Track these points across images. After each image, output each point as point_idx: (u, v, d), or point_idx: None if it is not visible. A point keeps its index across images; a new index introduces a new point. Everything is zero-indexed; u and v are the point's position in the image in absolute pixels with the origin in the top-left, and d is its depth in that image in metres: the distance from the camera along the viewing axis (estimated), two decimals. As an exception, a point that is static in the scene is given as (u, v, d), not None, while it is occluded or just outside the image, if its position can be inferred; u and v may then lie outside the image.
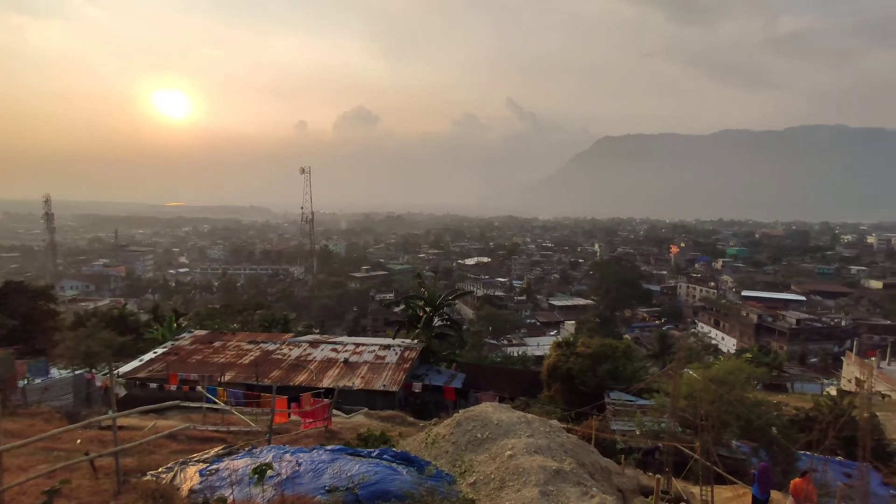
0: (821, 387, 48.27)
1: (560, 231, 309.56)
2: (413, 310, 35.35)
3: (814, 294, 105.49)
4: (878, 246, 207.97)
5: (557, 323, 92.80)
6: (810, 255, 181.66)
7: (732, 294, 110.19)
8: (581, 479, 9.24)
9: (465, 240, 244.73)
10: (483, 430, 11.07)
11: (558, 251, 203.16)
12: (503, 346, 71.92)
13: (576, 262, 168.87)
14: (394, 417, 21.42)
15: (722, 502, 13.54)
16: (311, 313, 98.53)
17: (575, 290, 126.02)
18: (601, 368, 27.50)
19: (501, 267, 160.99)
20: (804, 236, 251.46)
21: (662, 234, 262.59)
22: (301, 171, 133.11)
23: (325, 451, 9.34)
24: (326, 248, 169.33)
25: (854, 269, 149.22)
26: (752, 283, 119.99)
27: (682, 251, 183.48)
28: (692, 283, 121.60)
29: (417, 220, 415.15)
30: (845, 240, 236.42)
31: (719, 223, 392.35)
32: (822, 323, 77.00)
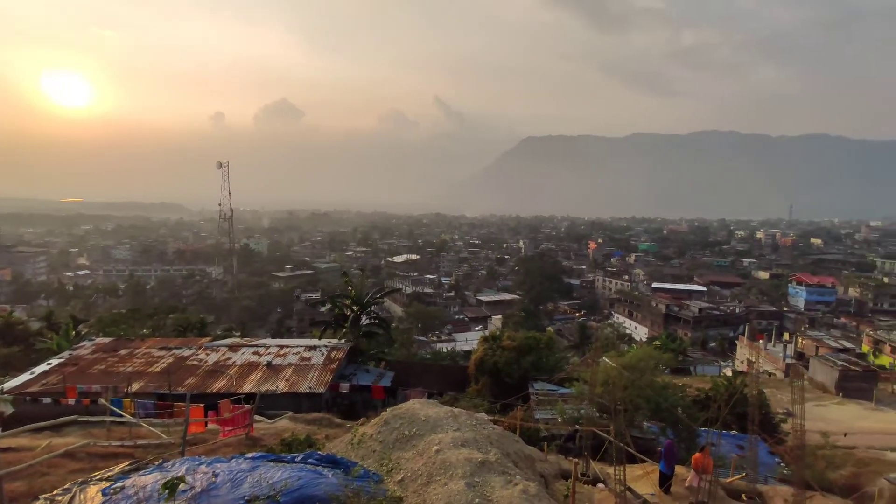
0: (718, 368, 53.10)
1: (487, 228, 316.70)
2: (340, 309, 34.63)
3: (713, 285, 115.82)
4: (766, 240, 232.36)
5: (485, 318, 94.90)
6: (710, 249, 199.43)
7: (644, 286, 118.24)
8: (506, 469, 9.53)
9: (394, 237, 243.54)
10: (411, 427, 11.09)
11: (485, 248, 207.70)
12: (432, 343, 72.44)
13: (502, 259, 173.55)
14: (320, 420, 20.90)
15: (633, 479, 14.52)
16: (232, 315, 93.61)
17: (501, 286, 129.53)
18: (526, 360, 28.48)
19: (430, 264, 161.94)
20: (705, 232, 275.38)
21: (582, 231, 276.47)
22: (218, 165, 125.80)
23: (244, 460, 8.93)
24: (247, 247, 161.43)
25: (746, 261, 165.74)
26: (660, 275, 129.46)
27: (599, 247, 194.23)
28: (608, 277, 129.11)
29: (344, 217, 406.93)
30: (739, 235, 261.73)
31: (632, 220, 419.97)
32: (720, 311, 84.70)
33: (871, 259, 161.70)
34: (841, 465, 24.29)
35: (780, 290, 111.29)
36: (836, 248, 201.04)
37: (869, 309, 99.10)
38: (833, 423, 30.06)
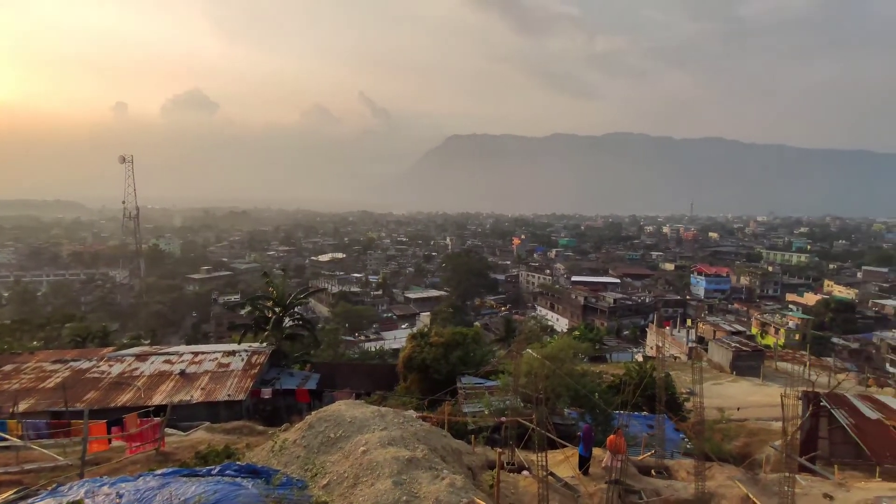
0: (631, 355, 56.84)
1: (414, 225, 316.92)
2: (261, 311, 33.17)
3: (626, 277, 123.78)
4: (671, 235, 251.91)
5: (413, 315, 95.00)
6: (623, 243, 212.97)
7: (564, 280, 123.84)
8: (433, 464, 9.61)
9: (319, 235, 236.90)
10: (336, 430, 10.87)
11: (413, 245, 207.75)
12: (360, 343, 71.43)
13: (429, 256, 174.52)
14: (241, 428, 19.91)
15: (555, 464, 15.21)
16: (140, 322, 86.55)
17: (429, 283, 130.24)
18: (453, 356, 28.87)
19: (357, 262, 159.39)
20: (618, 228, 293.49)
21: (506, 228, 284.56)
22: (121, 159, 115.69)
23: (153, 477, 8.32)
24: (156, 248, 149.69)
25: (654, 254, 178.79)
26: (579, 269, 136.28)
27: (522, 243, 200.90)
28: (531, 272, 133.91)
29: (265, 215, 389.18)
30: (648, 230, 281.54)
31: (553, 217, 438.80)
32: (632, 301, 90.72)
33: (757, 250, 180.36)
34: (735, 436, 26.96)
35: (683, 280, 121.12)
36: (730, 241, 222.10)
37: (757, 295, 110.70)
38: (728, 399, 33.31)
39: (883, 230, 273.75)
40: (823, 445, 21.58)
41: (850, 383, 38.34)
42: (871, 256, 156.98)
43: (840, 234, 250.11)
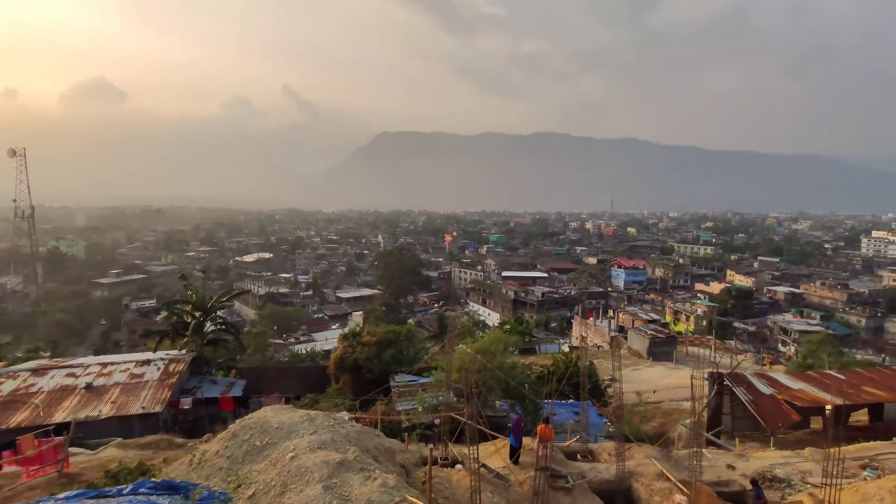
0: (558, 346, 59.24)
1: (345, 223, 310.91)
2: (179, 316, 31.14)
3: (553, 271, 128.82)
4: (593, 230, 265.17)
5: (345, 315, 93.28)
6: (549, 239, 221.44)
7: (495, 275, 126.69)
8: (365, 465, 9.50)
9: (243, 235, 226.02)
10: (262, 437, 10.44)
11: (344, 243, 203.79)
12: (290, 345, 69.07)
13: (361, 254, 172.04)
14: (157, 443, 18.59)
15: (487, 456, 15.57)
16: (38, 334, 78.20)
17: (362, 281, 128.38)
18: (387, 354, 28.68)
19: (285, 262, 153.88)
20: (545, 224, 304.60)
21: (438, 225, 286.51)
22: (11, 153, 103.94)
23: (56, 502, 7.58)
24: (56, 250, 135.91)
25: (579, 249, 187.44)
26: (509, 265, 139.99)
27: (454, 240, 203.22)
28: (464, 268, 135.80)
29: (183, 213, 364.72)
30: (572, 226, 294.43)
31: (483, 214, 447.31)
32: (559, 294, 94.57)
33: (670, 244, 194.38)
34: (651, 417, 28.96)
35: (605, 273, 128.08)
36: (646, 236, 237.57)
37: (670, 285, 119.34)
38: (645, 383, 35.69)
39: (774, 224, 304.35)
40: (727, 421, 23.70)
41: (748, 363, 42.29)
42: (765, 248, 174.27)
43: (739, 228, 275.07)
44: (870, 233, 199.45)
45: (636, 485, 14.90)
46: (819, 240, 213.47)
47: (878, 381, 24.90)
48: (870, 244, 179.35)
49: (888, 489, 13.44)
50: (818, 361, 39.21)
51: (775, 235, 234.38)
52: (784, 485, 15.99)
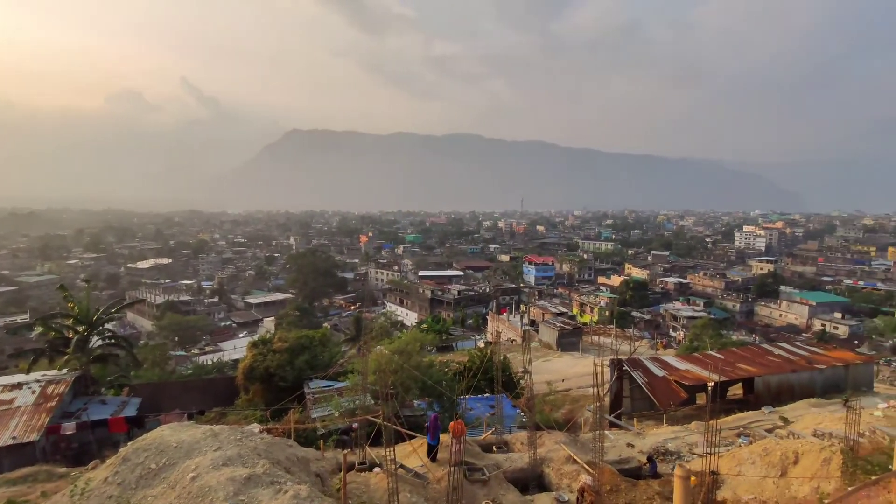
0: (474, 342, 60.66)
1: (253, 225, 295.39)
2: (58, 331, 27.80)
3: (468, 269, 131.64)
4: (505, 229, 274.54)
5: (256, 321, 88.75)
6: (464, 238, 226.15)
7: (412, 275, 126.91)
8: (275, 478, 9.09)
9: (137, 239, 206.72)
10: (159, 458, 9.62)
11: (252, 246, 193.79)
12: (194, 356, 64.36)
13: (272, 257, 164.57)
14: (34, 475, 16.46)
15: (406, 456, 15.57)
16: None
17: (273, 286, 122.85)
18: (300, 360, 27.69)
19: (187, 268, 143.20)
20: (460, 223, 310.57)
21: (353, 226, 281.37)
22: None
23: None
24: None
25: (492, 247, 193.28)
26: (425, 264, 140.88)
27: (370, 240, 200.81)
28: (380, 269, 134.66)
29: (63, 217, 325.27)
30: (486, 225, 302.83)
31: (399, 214, 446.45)
32: (475, 292, 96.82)
33: (575, 241, 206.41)
34: (561, 405, 30.58)
35: (517, 269, 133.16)
36: (554, 234, 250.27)
37: (576, 279, 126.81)
38: (555, 373, 37.65)
39: (665, 221, 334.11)
40: (627, 403, 25.68)
41: (644, 348, 46.03)
42: (657, 243, 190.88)
43: (635, 225, 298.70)
44: (741, 228, 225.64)
45: (547, 470, 15.68)
46: (701, 234, 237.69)
47: (749, 358, 28.28)
48: (742, 238, 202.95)
49: (758, 453, 15.30)
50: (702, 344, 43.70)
51: (665, 231, 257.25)
52: (675, 457, 17.64)
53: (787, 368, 26.17)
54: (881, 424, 15.73)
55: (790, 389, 25.11)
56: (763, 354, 29.08)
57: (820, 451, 13.64)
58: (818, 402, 23.43)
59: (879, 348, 60.62)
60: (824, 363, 26.77)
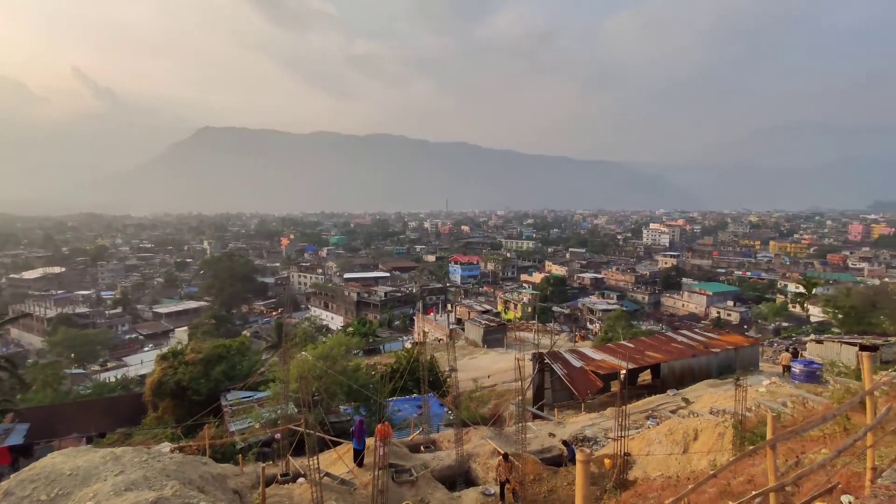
0: (402, 343, 60.53)
1: (162, 229, 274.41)
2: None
3: (394, 270, 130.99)
4: (431, 229, 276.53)
5: (166, 332, 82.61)
6: (390, 239, 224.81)
7: (337, 278, 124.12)
8: (187, 499, 8.53)
9: (22, 246, 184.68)
10: (50, 489, 8.67)
11: (161, 252, 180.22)
12: (94, 374, 58.67)
13: (183, 263, 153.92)
14: None
15: (331, 463, 15.22)
16: None
17: (185, 293, 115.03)
18: (216, 371, 26.18)
19: (84, 277, 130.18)
20: (385, 224, 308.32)
21: (273, 228, 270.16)
22: None
23: None
24: None
25: (418, 247, 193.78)
26: (351, 266, 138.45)
27: (291, 242, 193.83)
28: (303, 272, 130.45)
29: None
30: (411, 226, 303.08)
31: (322, 215, 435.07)
32: (401, 292, 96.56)
33: (499, 240, 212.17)
34: (487, 400, 31.30)
35: (443, 269, 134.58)
36: (478, 233, 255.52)
37: (500, 278, 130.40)
38: (481, 370, 38.48)
39: (581, 220, 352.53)
40: (548, 394, 26.80)
41: (563, 341, 48.27)
42: (574, 241, 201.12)
43: (554, 224, 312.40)
44: (648, 225, 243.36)
45: (474, 465, 16.00)
46: (613, 232, 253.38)
47: (656, 346, 30.58)
48: (649, 235, 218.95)
49: (664, 433, 16.58)
50: (615, 334, 46.62)
51: (581, 230, 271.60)
52: (592, 443, 18.70)
53: (688, 354, 28.62)
54: (765, 399, 17.65)
55: (691, 372, 27.46)
56: (668, 342, 31.58)
57: (715, 427, 15.06)
58: (714, 382, 25.83)
59: (764, 331, 67.96)
60: (719, 347, 29.57)
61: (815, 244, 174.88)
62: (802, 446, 9.71)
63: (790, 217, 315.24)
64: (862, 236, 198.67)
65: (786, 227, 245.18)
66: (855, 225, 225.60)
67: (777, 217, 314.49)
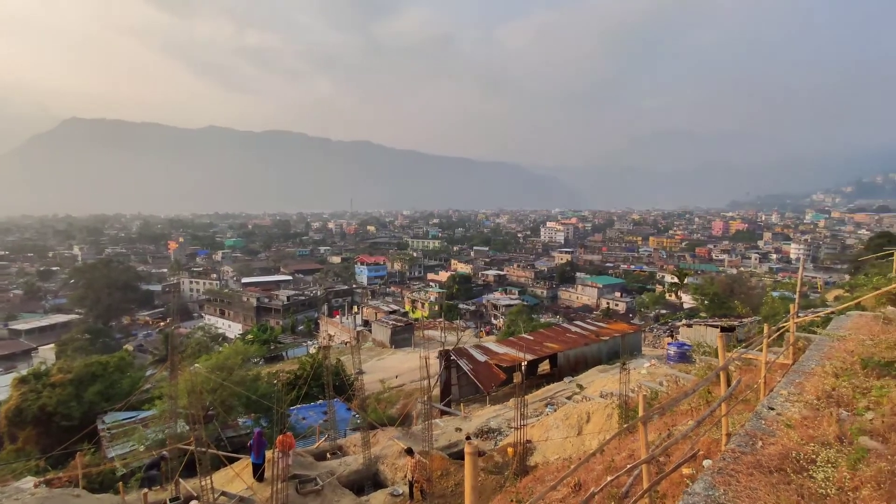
0: (306, 348, 58.46)
1: (20, 233, 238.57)
2: None
3: (297, 273, 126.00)
4: (335, 230, 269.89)
5: (27, 352, 72.03)
6: (292, 240, 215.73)
7: (234, 283, 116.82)
8: (53, 538, 7.56)
9: None
10: None
11: (19, 259, 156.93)
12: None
13: (48, 271, 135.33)
14: None
15: (229, 481, 14.31)
16: None
17: (52, 306, 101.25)
18: (90, 392, 23.41)
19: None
20: (286, 225, 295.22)
21: (159, 231, 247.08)
22: None
23: None
24: None
25: (322, 249, 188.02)
26: (249, 270, 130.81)
27: (181, 246, 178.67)
28: (195, 278, 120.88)
29: None
30: (315, 226, 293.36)
31: (215, 216, 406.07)
32: (305, 296, 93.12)
33: (405, 240, 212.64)
34: (396, 401, 31.27)
35: (349, 270, 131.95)
36: (384, 233, 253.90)
37: (407, 277, 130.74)
38: (389, 370, 38.34)
39: (484, 219, 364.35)
40: (455, 390, 27.40)
41: (468, 337, 49.62)
42: (478, 239, 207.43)
43: (459, 223, 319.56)
44: (545, 224, 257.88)
45: (382, 467, 15.93)
46: (514, 231, 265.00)
47: (553, 337, 32.53)
48: (546, 232, 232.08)
49: (560, 418, 17.71)
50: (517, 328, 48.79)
51: (484, 229, 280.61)
52: (497, 433, 19.45)
53: (582, 343, 30.80)
54: (646, 380, 19.51)
55: (584, 360, 29.58)
56: (564, 333, 33.73)
57: (604, 409, 16.39)
58: (605, 368, 28.06)
59: (646, 319, 75.10)
60: (608, 335, 32.17)
61: (687, 239, 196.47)
62: (674, 420, 10.91)
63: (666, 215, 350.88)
64: (722, 232, 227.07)
65: (662, 224, 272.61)
66: (717, 222, 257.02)
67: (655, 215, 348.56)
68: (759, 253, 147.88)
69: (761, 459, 4.56)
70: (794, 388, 6.65)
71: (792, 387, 6.75)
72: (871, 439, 4.79)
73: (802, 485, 4.13)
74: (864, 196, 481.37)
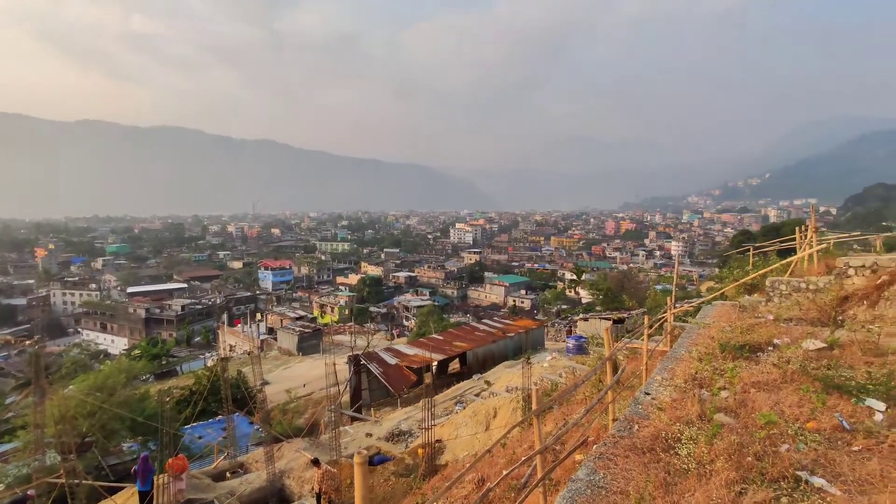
0: (204, 361, 54.45)
1: None
2: None
3: (193, 280, 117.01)
4: (236, 233, 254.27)
5: None
6: (186, 245, 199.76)
7: (118, 293, 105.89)
8: None
9: None
10: None
11: None
12: None
13: None
14: None
15: (111, 514, 12.93)
16: None
17: None
18: (-70, 428, 19.91)
19: None
20: (179, 229, 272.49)
21: (23, 237, 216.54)
22: None
23: None
24: None
25: (221, 253, 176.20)
26: (136, 278, 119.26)
27: (51, 253, 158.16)
28: (69, 289, 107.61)
29: None
30: (213, 230, 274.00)
31: (94, 220, 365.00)
32: (202, 304, 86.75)
33: (312, 243, 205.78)
34: (304, 411, 30.16)
35: (252, 276, 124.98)
36: (290, 236, 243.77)
37: (315, 281, 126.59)
38: (296, 379, 36.86)
39: (394, 221, 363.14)
40: (366, 395, 27.03)
41: (379, 340, 49.19)
42: (389, 241, 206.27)
43: (368, 225, 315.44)
44: (455, 225, 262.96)
45: (288, 481, 15.28)
46: (424, 232, 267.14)
47: (463, 336, 33.25)
48: (455, 234, 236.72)
49: (469, 415, 18.15)
50: (428, 328, 49.25)
51: (395, 230, 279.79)
52: (408, 435, 19.47)
53: (489, 340, 31.81)
54: (547, 373, 20.62)
55: (492, 357, 30.58)
56: (472, 331, 34.62)
57: (510, 403, 17.07)
58: (511, 363, 29.20)
59: (549, 314, 79.34)
60: (514, 331, 33.54)
61: (583, 238, 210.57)
62: (570, 410, 11.64)
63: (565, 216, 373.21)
64: (614, 231, 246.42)
65: (562, 225, 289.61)
66: (609, 222, 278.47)
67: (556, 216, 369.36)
68: (646, 250, 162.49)
69: (636, 442, 5.02)
70: (667, 374, 7.39)
71: (665, 372, 7.50)
72: (725, 415, 5.46)
73: (669, 462, 4.60)
74: (729, 198, 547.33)
